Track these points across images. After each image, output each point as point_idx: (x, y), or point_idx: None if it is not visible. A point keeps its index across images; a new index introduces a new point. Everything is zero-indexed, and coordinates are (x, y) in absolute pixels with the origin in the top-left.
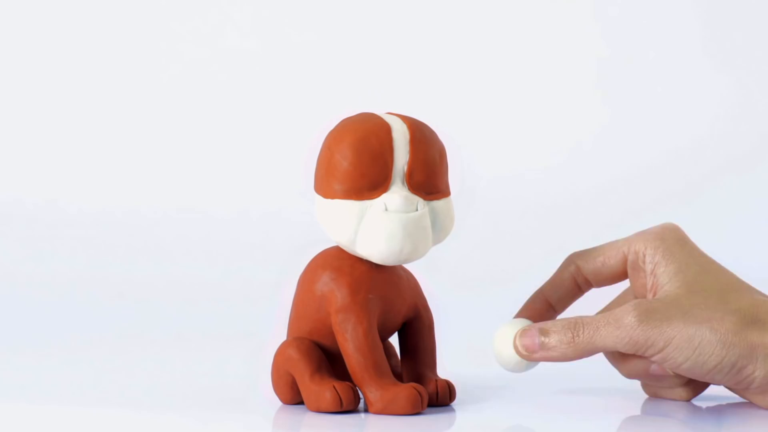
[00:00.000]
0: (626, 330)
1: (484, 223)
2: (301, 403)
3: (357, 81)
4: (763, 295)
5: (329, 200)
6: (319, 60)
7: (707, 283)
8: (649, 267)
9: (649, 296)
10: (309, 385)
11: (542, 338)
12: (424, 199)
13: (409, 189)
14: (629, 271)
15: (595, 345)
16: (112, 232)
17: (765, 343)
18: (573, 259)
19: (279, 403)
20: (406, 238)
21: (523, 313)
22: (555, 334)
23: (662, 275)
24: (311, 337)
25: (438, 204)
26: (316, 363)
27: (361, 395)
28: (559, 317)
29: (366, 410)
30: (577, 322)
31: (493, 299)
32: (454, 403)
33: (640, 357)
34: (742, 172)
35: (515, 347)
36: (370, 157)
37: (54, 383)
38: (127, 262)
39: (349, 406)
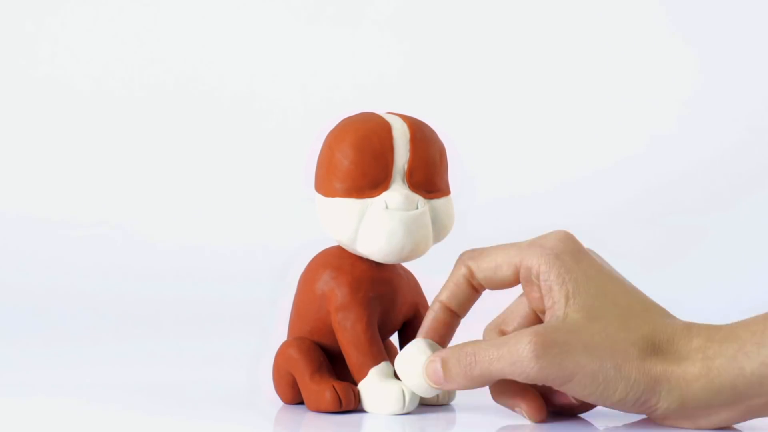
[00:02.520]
0: (522, 365)
1: (485, 223)
2: (302, 402)
3: (357, 81)
4: (663, 313)
5: (330, 199)
6: (320, 60)
7: (606, 307)
8: (544, 285)
9: (548, 315)
10: (309, 385)
11: (444, 370)
12: (425, 197)
13: (409, 187)
14: (523, 284)
15: (491, 377)
16: (112, 233)
17: (666, 373)
18: (464, 261)
19: (280, 402)
20: (406, 236)
21: (429, 328)
22: (453, 367)
23: (558, 295)
24: (312, 336)
25: (438, 203)
26: (317, 363)
27: None
28: (455, 338)
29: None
30: (469, 353)
31: (492, 299)
32: (454, 403)
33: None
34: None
35: (425, 377)
36: (371, 155)
37: (55, 384)
38: (127, 263)
39: (348, 406)
